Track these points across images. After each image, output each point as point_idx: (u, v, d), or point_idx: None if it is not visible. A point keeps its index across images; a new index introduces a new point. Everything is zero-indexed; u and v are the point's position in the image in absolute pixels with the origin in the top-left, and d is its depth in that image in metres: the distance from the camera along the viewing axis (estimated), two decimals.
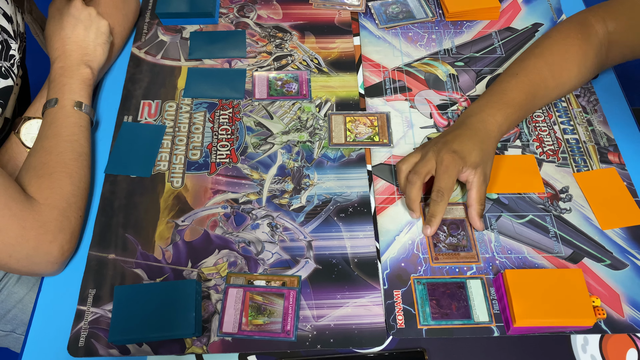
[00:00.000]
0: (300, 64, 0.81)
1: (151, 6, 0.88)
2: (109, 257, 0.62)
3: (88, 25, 0.71)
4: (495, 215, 0.67)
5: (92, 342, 0.57)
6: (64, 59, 0.69)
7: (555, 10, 0.90)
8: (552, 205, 0.68)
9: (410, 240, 0.65)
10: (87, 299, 0.59)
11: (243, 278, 0.61)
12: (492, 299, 0.61)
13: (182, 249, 0.63)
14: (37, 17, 0.79)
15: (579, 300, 0.56)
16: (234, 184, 0.69)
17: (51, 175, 0.60)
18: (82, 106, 0.67)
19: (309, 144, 0.73)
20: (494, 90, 0.71)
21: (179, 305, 0.57)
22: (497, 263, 0.63)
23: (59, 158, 0.62)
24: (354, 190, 0.68)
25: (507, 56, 0.83)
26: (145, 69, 0.80)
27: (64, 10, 0.71)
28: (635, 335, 0.59)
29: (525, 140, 0.74)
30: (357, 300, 0.60)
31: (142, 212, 0.66)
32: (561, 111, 0.77)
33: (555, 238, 0.66)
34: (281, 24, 0.86)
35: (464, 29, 0.87)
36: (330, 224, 0.66)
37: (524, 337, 0.59)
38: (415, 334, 0.58)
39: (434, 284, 0.62)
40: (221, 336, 0.58)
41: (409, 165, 0.66)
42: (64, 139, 0.64)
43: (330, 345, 0.57)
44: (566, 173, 0.71)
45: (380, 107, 0.77)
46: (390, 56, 0.83)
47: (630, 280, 0.63)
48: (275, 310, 0.59)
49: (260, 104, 0.77)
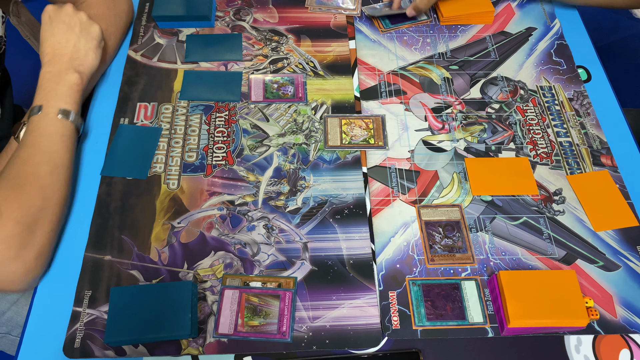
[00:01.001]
0: (296, 67, 0.82)
1: (148, 9, 0.88)
2: (105, 259, 0.63)
3: (79, 31, 0.70)
4: (490, 217, 0.68)
5: (88, 344, 0.57)
6: (53, 64, 0.68)
7: (549, 15, 0.91)
8: (546, 207, 0.69)
9: (405, 241, 0.65)
10: (83, 301, 0.59)
11: (239, 279, 0.62)
12: (487, 300, 0.61)
13: (178, 250, 0.63)
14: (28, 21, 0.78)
15: (573, 301, 0.57)
16: (230, 185, 0.69)
17: (22, 187, 0.58)
18: (69, 114, 0.65)
19: (304, 147, 0.73)
20: None
21: (174, 306, 0.57)
22: (492, 264, 0.64)
23: (33, 169, 0.60)
24: (349, 192, 0.69)
25: (501, 60, 0.84)
26: (142, 71, 0.80)
27: (55, 17, 0.70)
28: (627, 336, 0.60)
29: (519, 143, 0.75)
30: (353, 301, 0.61)
31: (138, 213, 0.66)
32: (554, 114, 0.78)
33: (548, 240, 0.66)
34: (277, 28, 0.87)
35: (458, 33, 0.88)
36: (326, 226, 0.66)
37: (518, 337, 0.59)
38: (411, 334, 0.59)
39: (429, 285, 0.62)
40: (217, 337, 0.58)
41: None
42: (42, 149, 0.62)
43: (325, 346, 0.58)
44: (559, 175, 0.72)
45: (375, 110, 0.77)
46: (385, 59, 0.84)
47: (622, 282, 0.63)
48: (271, 312, 0.59)
49: (256, 106, 0.77)
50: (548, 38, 0.87)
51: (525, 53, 0.85)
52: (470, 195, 0.69)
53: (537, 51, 0.86)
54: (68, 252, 0.63)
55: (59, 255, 0.63)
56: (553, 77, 0.82)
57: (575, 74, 0.83)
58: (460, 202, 0.69)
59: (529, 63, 0.84)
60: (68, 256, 0.63)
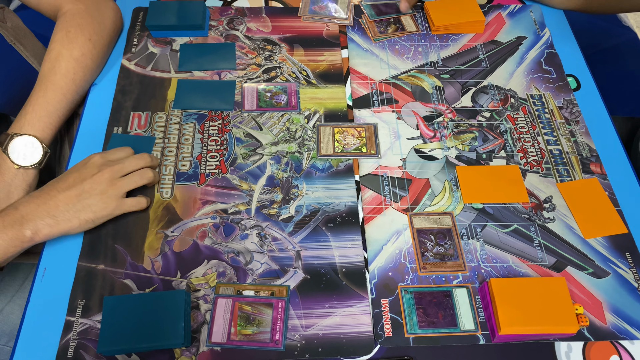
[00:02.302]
0: (289, 75, 0.82)
1: (141, 18, 0.89)
2: (98, 268, 0.63)
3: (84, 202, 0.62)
4: (481, 225, 0.68)
5: (81, 353, 0.57)
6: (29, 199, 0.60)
7: (539, 24, 0.92)
8: (536, 214, 0.70)
9: (397, 249, 0.66)
10: (76, 310, 0.59)
11: (232, 288, 0.62)
12: (478, 307, 0.62)
13: (171, 259, 0.64)
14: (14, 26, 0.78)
15: (563, 308, 0.58)
16: (223, 194, 0.69)
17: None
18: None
19: (297, 155, 0.73)
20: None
21: (168, 315, 0.57)
22: (483, 272, 0.64)
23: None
24: (342, 201, 0.69)
25: (492, 69, 0.85)
26: (135, 80, 0.80)
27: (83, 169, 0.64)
28: (617, 342, 0.60)
29: (509, 151, 0.76)
30: (345, 309, 0.61)
31: (131, 222, 0.66)
32: (545, 122, 0.79)
33: (539, 247, 0.67)
34: (270, 37, 0.87)
35: (449, 42, 0.89)
36: (318, 234, 0.66)
37: (509, 344, 0.60)
38: (403, 342, 0.59)
39: (421, 293, 0.63)
40: (210, 346, 0.58)
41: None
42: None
43: (318, 354, 0.58)
44: (550, 183, 0.73)
45: (367, 119, 0.78)
46: (377, 69, 0.84)
47: (612, 288, 0.64)
48: (264, 320, 0.60)
49: (249, 115, 0.77)
50: (538, 47, 0.88)
51: (515, 62, 0.86)
52: (461, 203, 0.70)
53: (528, 60, 0.87)
54: (61, 261, 0.63)
55: (52, 264, 0.63)
56: (543, 86, 0.83)
57: (565, 82, 0.84)
58: (452, 209, 0.69)
59: (520, 72, 0.85)
60: (61, 265, 0.63)
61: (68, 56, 0.73)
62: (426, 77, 0.84)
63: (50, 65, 0.72)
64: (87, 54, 0.75)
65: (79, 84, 0.74)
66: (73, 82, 0.73)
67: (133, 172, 0.66)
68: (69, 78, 0.72)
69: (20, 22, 0.79)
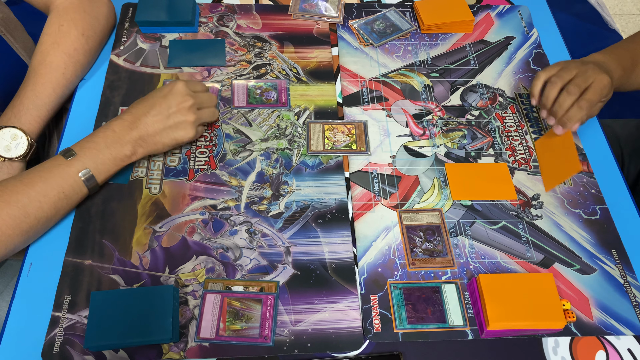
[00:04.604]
0: (279, 73, 0.82)
1: (131, 14, 0.88)
2: (85, 263, 0.62)
3: (172, 125, 0.66)
4: (469, 222, 0.69)
5: (67, 349, 0.56)
6: (122, 127, 0.63)
7: (527, 25, 0.93)
8: (524, 212, 0.70)
9: (386, 245, 0.66)
10: (63, 305, 0.59)
11: (221, 284, 0.62)
12: (467, 303, 0.62)
13: (159, 255, 0.63)
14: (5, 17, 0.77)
15: (550, 303, 0.58)
16: (212, 190, 0.69)
17: None
18: (91, 180, 0.62)
19: (287, 152, 0.73)
20: None
21: (156, 311, 0.57)
22: (471, 268, 0.65)
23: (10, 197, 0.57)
24: (331, 197, 0.69)
25: (481, 68, 0.85)
26: (124, 76, 0.80)
27: (170, 96, 0.66)
28: (603, 338, 0.61)
29: (498, 149, 0.76)
30: (335, 305, 0.61)
31: (119, 218, 0.66)
32: (532, 121, 0.80)
33: (527, 244, 0.68)
34: (260, 34, 0.87)
35: (439, 41, 0.89)
36: (308, 230, 0.66)
37: (498, 340, 0.60)
38: (392, 337, 0.59)
39: (410, 289, 0.63)
40: (198, 342, 0.57)
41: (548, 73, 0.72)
42: (37, 189, 0.58)
43: (307, 349, 0.58)
44: (537, 181, 0.73)
45: (357, 116, 0.78)
46: (367, 67, 0.85)
47: (598, 285, 0.65)
48: (253, 316, 0.59)
49: (239, 111, 0.77)
50: (526, 47, 0.89)
51: (504, 61, 0.87)
52: (450, 200, 0.70)
53: (516, 59, 0.87)
54: (48, 256, 0.63)
55: (38, 259, 0.62)
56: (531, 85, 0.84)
57: None
58: (441, 206, 0.70)
59: (508, 71, 0.86)
60: (48, 260, 0.62)
61: (59, 50, 0.72)
62: (416, 75, 0.84)
63: (40, 58, 0.71)
64: (80, 49, 0.74)
65: (69, 78, 0.73)
66: (63, 76, 0.72)
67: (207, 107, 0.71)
68: (59, 72, 0.71)
69: (11, 14, 0.78)
